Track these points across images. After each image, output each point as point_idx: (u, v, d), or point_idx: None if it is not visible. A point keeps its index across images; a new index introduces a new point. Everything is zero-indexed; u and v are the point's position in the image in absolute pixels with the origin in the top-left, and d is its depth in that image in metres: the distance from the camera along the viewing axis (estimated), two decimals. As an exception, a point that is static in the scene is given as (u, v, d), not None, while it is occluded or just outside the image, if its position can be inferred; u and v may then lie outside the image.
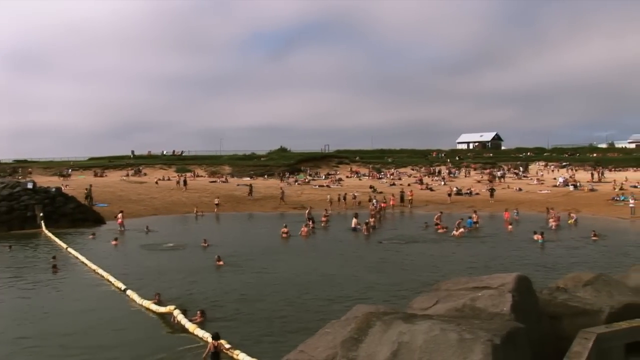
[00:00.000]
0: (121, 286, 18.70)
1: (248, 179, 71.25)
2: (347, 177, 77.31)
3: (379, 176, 77.44)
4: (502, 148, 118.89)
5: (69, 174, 69.76)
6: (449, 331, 6.18)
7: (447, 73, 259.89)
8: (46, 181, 54.55)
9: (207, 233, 32.38)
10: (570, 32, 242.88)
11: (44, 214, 36.41)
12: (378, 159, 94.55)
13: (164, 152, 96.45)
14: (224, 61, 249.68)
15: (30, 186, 40.40)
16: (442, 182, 68.82)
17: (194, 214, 44.43)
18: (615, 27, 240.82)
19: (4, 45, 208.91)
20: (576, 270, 15.13)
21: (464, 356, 5.83)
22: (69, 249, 27.10)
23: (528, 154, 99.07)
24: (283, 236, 31.34)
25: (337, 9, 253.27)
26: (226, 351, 12.13)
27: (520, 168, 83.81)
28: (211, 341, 12.26)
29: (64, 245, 28.34)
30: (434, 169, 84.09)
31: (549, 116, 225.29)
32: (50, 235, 32.27)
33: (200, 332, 13.45)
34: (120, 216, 36.42)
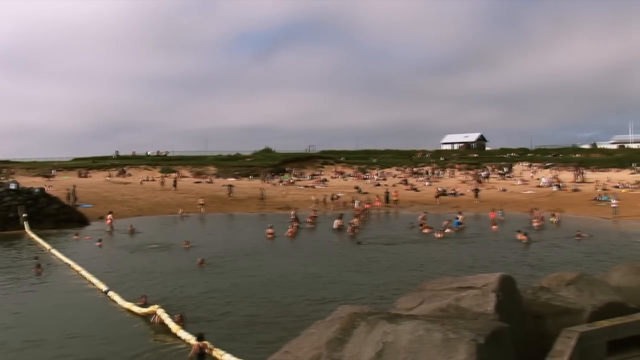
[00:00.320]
0: (103, 287, 18.58)
1: (233, 179, 71.11)
2: (332, 177, 77.39)
3: (364, 177, 77.58)
4: (487, 149, 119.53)
5: (53, 174, 69.15)
6: (433, 331, 6.21)
7: (432, 73, 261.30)
8: (29, 182, 54.02)
9: (191, 234, 32.28)
10: (554, 33, 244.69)
11: (27, 215, 36.03)
12: (363, 160, 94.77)
13: (148, 153, 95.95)
14: (209, 61, 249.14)
15: (13, 187, 40.05)
16: (426, 182, 69.12)
17: (179, 214, 44.20)
18: (598, 29, 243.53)
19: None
20: (559, 269, 15.25)
21: (449, 356, 5.86)
22: (52, 250, 26.89)
23: (512, 154, 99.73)
24: (268, 237, 31.28)
25: (322, 9, 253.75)
26: (210, 351, 12.11)
27: (504, 169, 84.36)
28: (195, 342, 12.23)
29: (47, 246, 28.11)
30: (418, 169, 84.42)
31: (532, 117, 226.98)
32: (33, 236, 31.97)
33: (184, 334, 13.40)
34: (110, 217, 36.31)
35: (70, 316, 15.92)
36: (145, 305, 16.08)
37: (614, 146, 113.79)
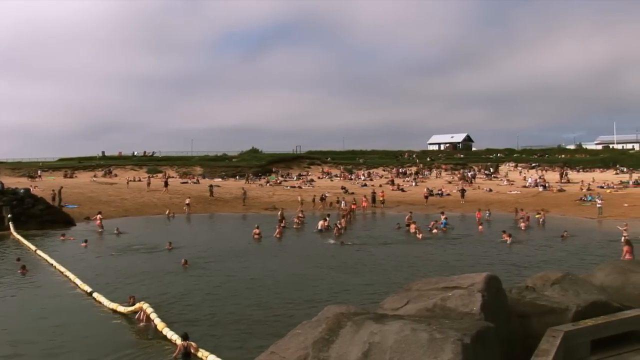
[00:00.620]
0: (88, 289, 18.44)
1: (220, 179, 70.96)
2: (318, 178, 77.43)
3: (350, 177, 77.63)
4: (473, 149, 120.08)
5: (38, 174, 68.57)
6: (419, 331, 6.22)
7: (419, 74, 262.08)
8: (15, 182, 53.58)
9: (178, 234, 32.19)
10: (541, 35, 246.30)
11: (12, 216, 35.71)
12: (350, 160, 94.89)
13: (134, 153, 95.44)
14: (195, 61, 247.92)
15: (-2, 187, 39.68)
16: (413, 183, 69.31)
17: (165, 215, 43.96)
18: (585, 30, 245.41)
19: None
20: (544, 269, 15.34)
21: (435, 355, 5.87)
22: (38, 251, 26.67)
23: (498, 155, 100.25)
24: (255, 237, 31.22)
25: (310, 9, 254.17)
26: (195, 351, 12.08)
27: (490, 169, 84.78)
28: (180, 342, 12.21)
29: (32, 247, 27.88)
30: (404, 170, 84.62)
31: (519, 117, 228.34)
32: (18, 237, 31.70)
33: (169, 333, 13.36)
34: (99, 217, 36.16)
35: (54, 317, 15.72)
36: (134, 305, 16.02)
37: (599, 147, 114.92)
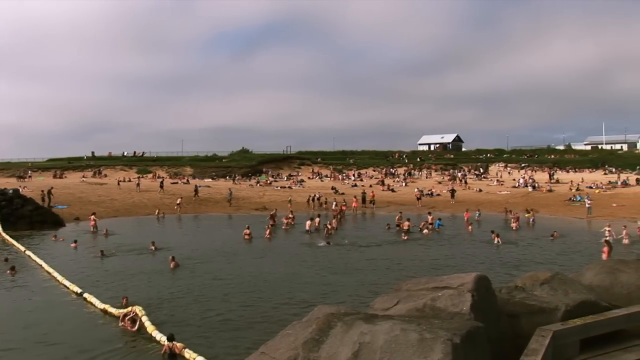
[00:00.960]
0: (77, 289, 18.37)
1: (210, 180, 70.80)
2: (309, 178, 77.38)
3: (340, 177, 77.64)
4: (463, 149, 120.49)
5: (28, 175, 68.10)
6: (409, 331, 6.22)
7: (409, 75, 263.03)
8: (3, 183, 53.32)
9: (167, 235, 32.19)
10: (532, 36, 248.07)
11: (0, 217, 35.51)
12: (340, 160, 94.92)
13: (124, 154, 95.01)
14: (186, 61, 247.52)
15: (-14, 188, 39.47)
16: (403, 183, 69.42)
17: (155, 215, 43.75)
18: (575, 32, 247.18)
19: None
20: (533, 269, 15.43)
21: (425, 355, 5.87)
22: (27, 252, 26.52)
23: (488, 155, 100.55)
24: (245, 237, 31.17)
25: (301, 10, 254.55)
26: (180, 352, 12.06)
27: (480, 169, 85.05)
28: (166, 343, 12.18)
29: (22, 248, 27.72)
30: (394, 170, 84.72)
31: (509, 118, 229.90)
32: (7, 238, 31.50)
33: (157, 334, 13.33)
34: (93, 218, 36.07)
35: (42, 318, 15.67)
36: (126, 307, 16.02)
37: (588, 147, 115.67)
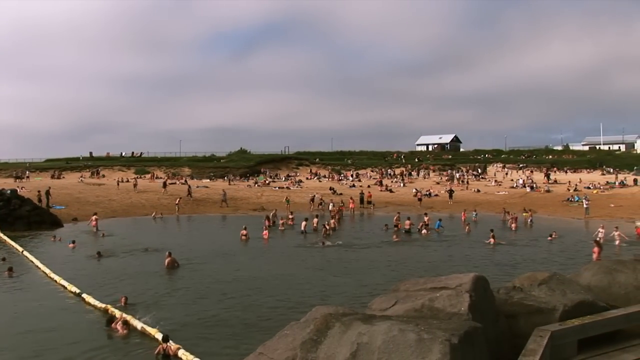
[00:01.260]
0: (75, 290, 18.33)
1: (208, 180, 70.79)
2: (307, 178, 77.36)
3: (338, 178, 77.64)
4: (461, 150, 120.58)
5: (26, 175, 68.00)
6: (407, 331, 6.22)
7: (407, 75, 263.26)
8: (1, 183, 53.30)
9: (165, 235, 32.21)
10: (530, 36, 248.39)
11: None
12: (338, 161, 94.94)
13: (122, 154, 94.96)
14: (184, 61, 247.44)
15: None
16: (401, 183, 69.44)
17: (157, 215, 43.67)
18: (573, 32, 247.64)
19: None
20: (531, 269, 15.43)
21: (423, 356, 5.87)
22: (24, 252, 26.47)
23: (486, 155, 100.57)
24: (242, 238, 31.14)
25: (299, 10, 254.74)
26: (174, 353, 12.04)
27: (478, 170, 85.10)
28: (161, 344, 12.17)
29: (19, 248, 27.68)
30: (392, 171, 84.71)
31: (507, 118, 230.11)
32: (5, 238, 31.45)
33: (152, 334, 13.36)
34: (95, 218, 35.96)
35: (39, 319, 15.60)
36: (125, 306, 16.22)
37: (586, 148, 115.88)
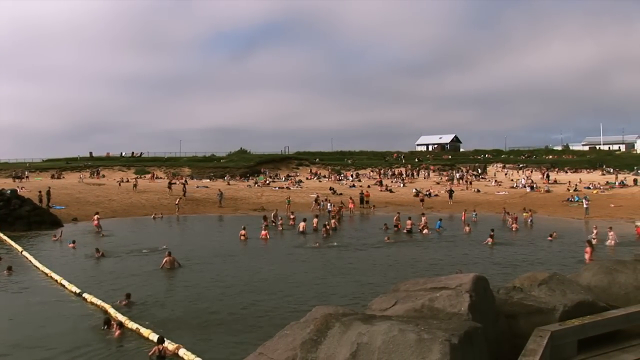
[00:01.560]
0: (76, 289, 18.34)
1: (208, 180, 70.78)
2: (307, 178, 77.35)
3: (339, 178, 77.62)
4: (461, 150, 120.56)
5: (25, 175, 67.96)
6: (407, 331, 6.21)
7: (408, 75, 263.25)
8: (1, 183, 53.26)
9: (164, 235, 32.21)
10: (531, 36, 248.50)
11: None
12: (338, 161, 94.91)
13: (122, 154, 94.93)
14: (184, 61, 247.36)
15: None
16: (401, 184, 69.44)
17: (154, 216, 43.64)
18: (574, 32, 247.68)
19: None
20: (531, 269, 15.44)
21: (423, 356, 5.86)
22: (24, 252, 26.48)
23: (486, 155, 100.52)
24: (241, 238, 31.13)
25: (299, 10, 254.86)
26: (170, 353, 12.04)
27: (478, 170, 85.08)
28: (156, 345, 12.17)
29: (19, 248, 27.69)
30: (392, 171, 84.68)
31: (507, 118, 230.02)
32: (5, 238, 31.45)
33: (147, 334, 13.41)
34: (97, 217, 35.89)
35: (37, 318, 15.63)
36: (128, 305, 16.39)
37: (586, 148, 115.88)
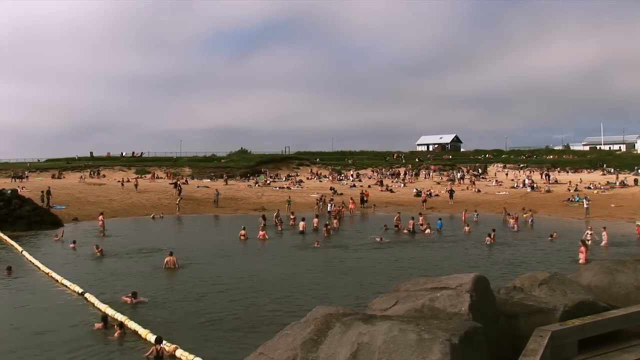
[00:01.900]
0: (78, 289, 18.32)
1: (208, 180, 70.79)
2: (307, 178, 77.33)
3: (339, 178, 77.61)
4: (462, 150, 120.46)
5: (26, 175, 67.97)
6: (408, 331, 6.21)
7: (408, 75, 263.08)
8: (1, 183, 53.25)
9: (164, 235, 32.24)
10: (532, 36, 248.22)
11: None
12: (338, 161, 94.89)
13: (123, 154, 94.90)
14: (185, 61, 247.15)
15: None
16: (401, 184, 69.42)
17: (154, 216, 43.64)
18: (575, 32, 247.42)
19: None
20: (532, 269, 15.45)
21: (423, 356, 5.86)
22: (24, 252, 26.48)
23: (487, 155, 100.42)
24: (241, 238, 31.13)
25: (300, 9, 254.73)
26: (168, 354, 12.05)
27: (478, 170, 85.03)
28: (154, 345, 12.17)
29: (19, 248, 27.68)
30: (394, 171, 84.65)
31: (507, 118, 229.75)
32: (5, 238, 31.46)
33: (144, 335, 13.44)
34: (101, 217, 35.82)
35: (35, 318, 15.64)
36: (132, 303, 16.58)
37: (586, 148, 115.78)
